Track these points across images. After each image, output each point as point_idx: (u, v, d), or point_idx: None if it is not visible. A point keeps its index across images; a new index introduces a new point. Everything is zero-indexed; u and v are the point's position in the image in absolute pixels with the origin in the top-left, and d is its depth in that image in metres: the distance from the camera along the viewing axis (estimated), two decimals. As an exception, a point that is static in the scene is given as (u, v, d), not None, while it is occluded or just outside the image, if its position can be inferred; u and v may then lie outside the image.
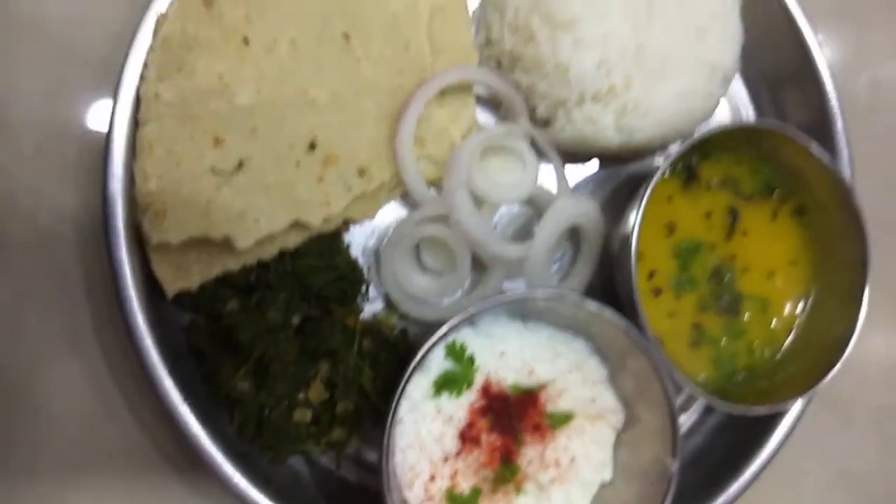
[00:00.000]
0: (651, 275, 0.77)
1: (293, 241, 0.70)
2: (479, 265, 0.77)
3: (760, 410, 0.75)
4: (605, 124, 0.75)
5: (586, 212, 0.76)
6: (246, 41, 0.68)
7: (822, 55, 0.83)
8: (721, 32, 0.76)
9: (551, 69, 0.74)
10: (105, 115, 0.67)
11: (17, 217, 0.74)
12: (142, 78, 0.66)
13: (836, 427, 0.89)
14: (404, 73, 0.73)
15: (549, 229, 0.73)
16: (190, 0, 0.67)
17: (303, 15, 0.70)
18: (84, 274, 0.75)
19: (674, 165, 0.75)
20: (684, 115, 0.76)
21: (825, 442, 0.89)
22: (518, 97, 0.77)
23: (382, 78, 0.73)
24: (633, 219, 0.71)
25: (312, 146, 0.70)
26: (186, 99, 0.66)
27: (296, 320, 0.70)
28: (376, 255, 0.77)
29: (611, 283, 0.77)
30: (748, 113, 0.89)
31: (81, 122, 0.76)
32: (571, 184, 0.82)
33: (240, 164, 0.67)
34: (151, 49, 0.66)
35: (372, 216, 0.76)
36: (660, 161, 0.80)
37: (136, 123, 0.66)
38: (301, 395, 0.68)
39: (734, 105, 0.89)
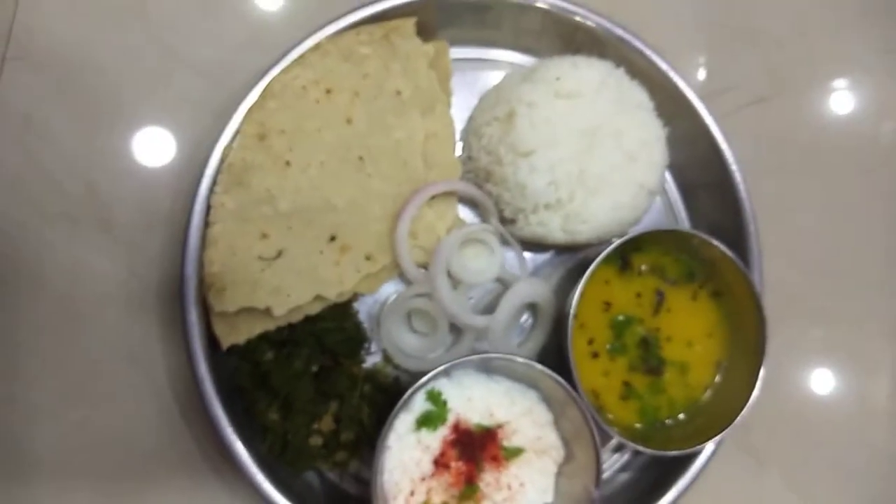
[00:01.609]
0: (590, 341, 0.92)
1: (315, 309, 0.88)
2: (457, 329, 0.95)
3: (672, 453, 0.88)
4: (554, 227, 0.92)
5: (540, 292, 0.93)
6: (288, 164, 0.87)
7: (738, 172, 0.97)
8: (648, 158, 0.93)
9: (513, 185, 0.91)
10: (184, 217, 0.87)
11: (116, 289, 0.95)
12: (212, 191, 0.86)
13: (752, 468, 1.03)
14: (403, 184, 0.92)
15: (506, 307, 0.91)
16: (248, 136, 0.87)
17: (329, 145, 0.89)
18: (161, 332, 0.94)
19: (610, 257, 0.88)
20: (615, 223, 0.93)
21: (742, 480, 1.03)
22: (489, 202, 0.95)
23: (386, 188, 0.91)
24: (574, 298, 0.88)
25: (332, 239, 0.88)
26: (243, 206, 0.85)
27: (314, 369, 0.87)
28: (377, 319, 0.94)
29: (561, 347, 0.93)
30: (680, 213, 1.05)
31: (166, 221, 0.96)
32: (532, 267, 1.00)
33: (279, 253, 0.86)
34: (220, 171, 0.86)
35: (375, 291, 0.93)
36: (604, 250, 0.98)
37: (206, 224, 0.86)
38: (315, 426, 0.85)
39: (668, 205, 1.05)
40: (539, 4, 0.97)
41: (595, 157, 0.91)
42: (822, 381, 1.07)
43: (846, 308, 1.09)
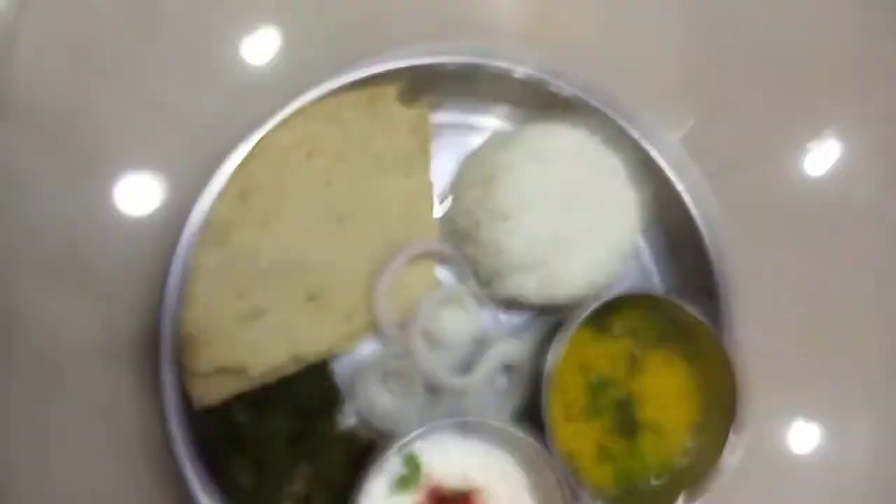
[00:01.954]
0: (566, 404, 0.93)
1: (290, 369, 0.88)
2: (433, 390, 0.94)
3: None
4: (530, 289, 0.93)
5: (516, 354, 0.95)
6: (268, 223, 0.88)
7: (710, 237, 0.99)
8: (621, 222, 0.95)
9: (490, 247, 0.93)
10: (163, 273, 0.88)
11: (92, 343, 0.94)
12: (192, 249, 0.87)
13: None
14: (383, 244, 0.92)
15: (483, 368, 0.92)
16: (230, 195, 0.88)
17: (310, 205, 0.90)
18: (136, 390, 0.93)
19: (585, 320, 0.90)
20: (589, 285, 0.94)
21: None
22: (467, 265, 0.96)
23: (366, 247, 0.92)
24: (549, 361, 0.89)
25: (311, 298, 0.89)
26: (222, 264, 0.86)
27: (287, 429, 0.86)
28: (353, 380, 0.93)
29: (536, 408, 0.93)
30: (655, 276, 1.06)
31: (147, 276, 0.96)
32: (509, 327, 1.00)
33: (257, 313, 0.86)
34: (200, 230, 0.87)
35: (352, 350, 0.94)
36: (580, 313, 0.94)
37: (185, 282, 0.86)
38: (287, 489, 0.84)
39: (643, 269, 1.06)
40: (518, 74, 1.00)
41: (569, 221, 0.93)
42: (802, 444, 1.08)
43: (824, 372, 1.10)
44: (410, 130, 0.96)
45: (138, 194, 1.01)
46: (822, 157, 1.18)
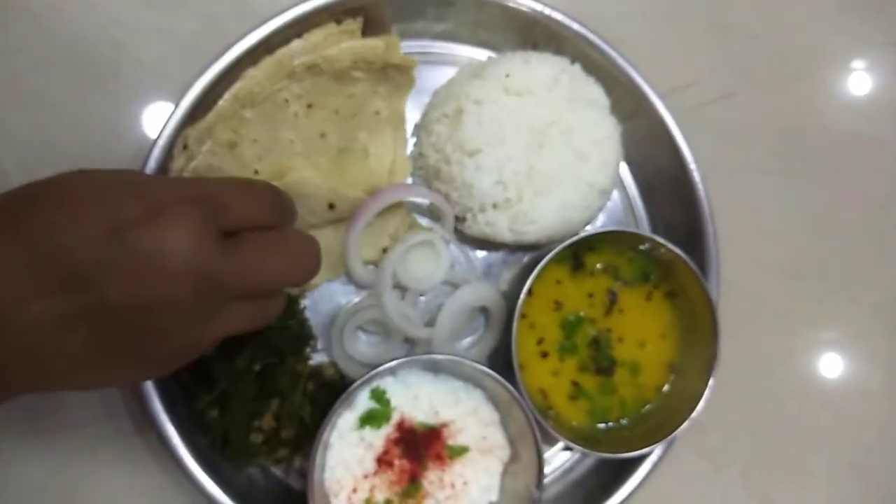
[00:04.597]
0: (540, 341, 0.92)
1: None
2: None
3: (618, 455, 0.87)
4: (502, 227, 0.91)
5: (485, 296, 0.92)
6: (256, 173, 0.87)
7: (697, 171, 0.95)
8: (599, 158, 0.90)
9: (460, 184, 0.90)
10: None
11: None
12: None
13: (709, 472, 1.02)
14: (363, 191, 0.91)
15: (447, 315, 0.90)
16: (220, 144, 0.85)
17: (299, 156, 0.88)
18: None
19: (562, 257, 0.89)
20: (565, 223, 0.91)
21: (699, 484, 1.02)
22: (446, 205, 0.92)
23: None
24: (521, 297, 0.87)
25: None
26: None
27: (257, 367, 0.85)
28: (331, 328, 0.93)
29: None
30: (640, 211, 1.03)
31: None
32: (484, 265, 0.98)
33: None
34: (184, 171, 0.84)
35: (332, 278, 0.94)
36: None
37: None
38: (256, 423, 0.84)
39: (628, 204, 1.03)
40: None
41: (544, 155, 0.89)
42: (782, 384, 1.06)
43: (808, 310, 1.07)
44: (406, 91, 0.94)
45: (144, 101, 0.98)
46: (816, 92, 1.11)
